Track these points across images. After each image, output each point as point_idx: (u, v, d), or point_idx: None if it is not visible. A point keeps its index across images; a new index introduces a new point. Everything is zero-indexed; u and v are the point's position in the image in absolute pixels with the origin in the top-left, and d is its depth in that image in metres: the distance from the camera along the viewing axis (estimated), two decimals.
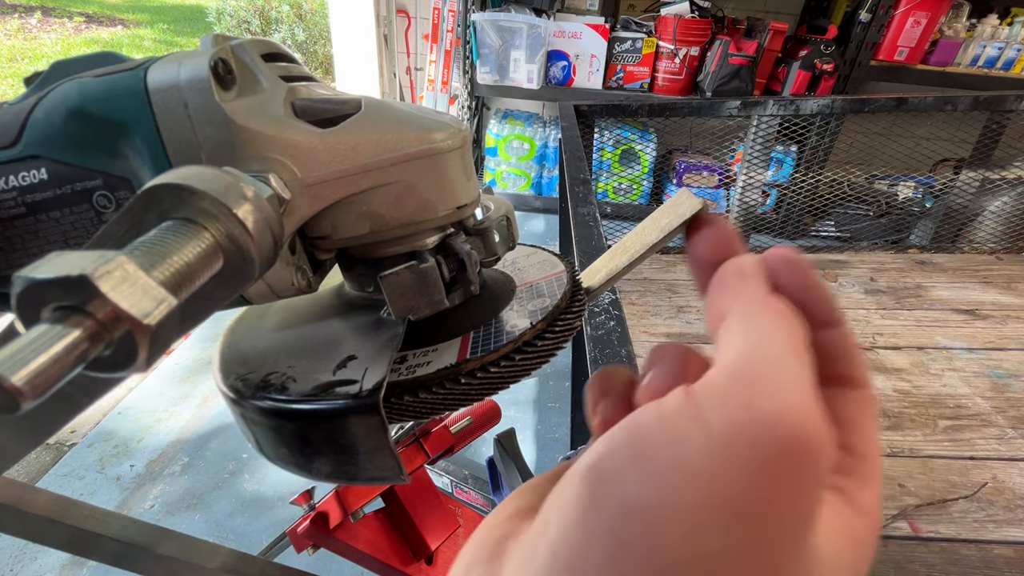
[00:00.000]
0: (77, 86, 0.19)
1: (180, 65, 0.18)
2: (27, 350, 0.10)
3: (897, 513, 0.80)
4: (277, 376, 0.21)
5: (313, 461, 0.21)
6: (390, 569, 0.46)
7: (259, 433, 0.21)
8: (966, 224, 2.03)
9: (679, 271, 1.50)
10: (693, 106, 1.71)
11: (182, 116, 0.18)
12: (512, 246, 0.27)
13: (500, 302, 0.25)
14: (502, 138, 2.73)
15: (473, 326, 0.23)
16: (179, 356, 1.74)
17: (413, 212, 0.22)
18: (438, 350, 0.22)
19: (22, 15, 5.81)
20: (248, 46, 0.20)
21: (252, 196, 0.15)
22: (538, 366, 0.22)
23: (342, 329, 0.24)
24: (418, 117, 0.21)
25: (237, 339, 0.26)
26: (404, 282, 0.22)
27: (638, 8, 2.72)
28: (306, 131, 0.19)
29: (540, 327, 0.23)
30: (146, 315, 0.11)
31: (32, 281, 0.11)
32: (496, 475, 0.54)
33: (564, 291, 0.25)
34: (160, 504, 1.27)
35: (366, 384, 0.19)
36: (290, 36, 4.63)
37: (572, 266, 0.28)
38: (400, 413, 0.21)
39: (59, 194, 0.19)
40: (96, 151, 0.19)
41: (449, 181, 0.22)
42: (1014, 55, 2.40)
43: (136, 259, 0.12)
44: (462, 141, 0.22)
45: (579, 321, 0.25)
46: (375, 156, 0.20)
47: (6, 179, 0.19)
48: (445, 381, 0.21)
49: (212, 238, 0.14)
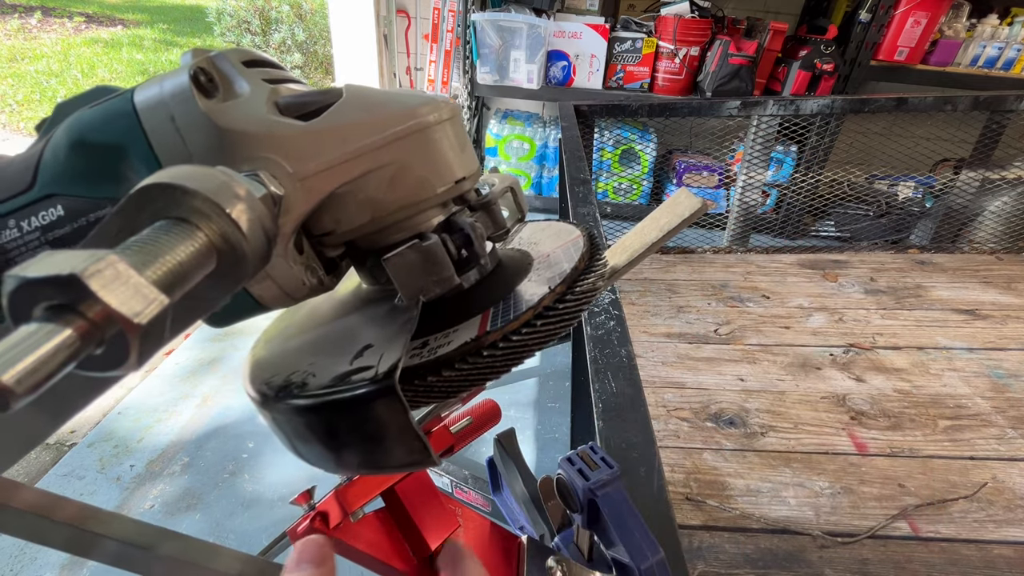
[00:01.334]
0: (75, 119, 0.20)
1: (163, 82, 0.19)
2: (17, 349, 0.10)
3: (897, 513, 0.80)
4: (298, 375, 0.21)
5: (342, 453, 0.21)
6: (390, 569, 0.46)
7: (288, 433, 0.21)
8: (966, 224, 2.03)
9: (679, 271, 1.50)
10: (693, 106, 1.71)
11: (171, 129, 0.19)
12: (521, 217, 0.27)
13: (517, 277, 0.25)
14: (502, 138, 2.73)
15: (492, 302, 0.23)
16: (179, 356, 1.74)
17: (410, 192, 0.21)
18: (458, 330, 0.22)
19: (22, 15, 5.81)
20: (228, 55, 0.21)
21: (244, 195, 0.15)
22: (562, 330, 0.22)
23: (358, 322, 0.24)
24: (401, 95, 0.21)
25: (264, 349, 0.26)
26: (409, 262, 0.22)
27: (638, 8, 2.72)
28: (292, 126, 0.20)
29: (559, 291, 0.22)
30: (137, 314, 0.11)
31: (23, 280, 0.11)
32: (496, 475, 0.54)
33: (582, 253, 0.24)
34: (160, 504, 1.27)
35: (381, 368, 0.19)
36: (290, 36, 4.63)
37: (588, 230, 0.27)
38: (427, 395, 0.21)
39: (76, 227, 0.20)
40: (101, 179, 0.20)
41: (442, 155, 0.22)
42: (1014, 55, 2.40)
43: (128, 258, 0.12)
44: (450, 113, 0.22)
45: (600, 281, 0.24)
46: (363, 140, 0.20)
47: (28, 221, 0.20)
48: (468, 356, 0.20)
49: (205, 237, 0.14)
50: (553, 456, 1.43)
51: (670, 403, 1.01)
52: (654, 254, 1.19)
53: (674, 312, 1.31)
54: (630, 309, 1.31)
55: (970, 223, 2.01)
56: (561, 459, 0.34)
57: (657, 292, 1.39)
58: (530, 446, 1.46)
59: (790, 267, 1.52)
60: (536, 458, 1.43)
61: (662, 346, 1.18)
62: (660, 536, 0.30)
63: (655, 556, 0.29)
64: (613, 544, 0.31)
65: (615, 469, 0.33)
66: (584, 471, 0.33)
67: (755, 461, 0.89)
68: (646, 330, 1.23)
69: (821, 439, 0.94)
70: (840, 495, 0.83)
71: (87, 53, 5.25)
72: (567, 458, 0.34)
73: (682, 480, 0.85)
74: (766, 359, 1.14)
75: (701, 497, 0.82)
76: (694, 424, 0.96)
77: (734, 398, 1.03)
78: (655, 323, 1.26)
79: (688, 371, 1.10)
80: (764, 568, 0.72)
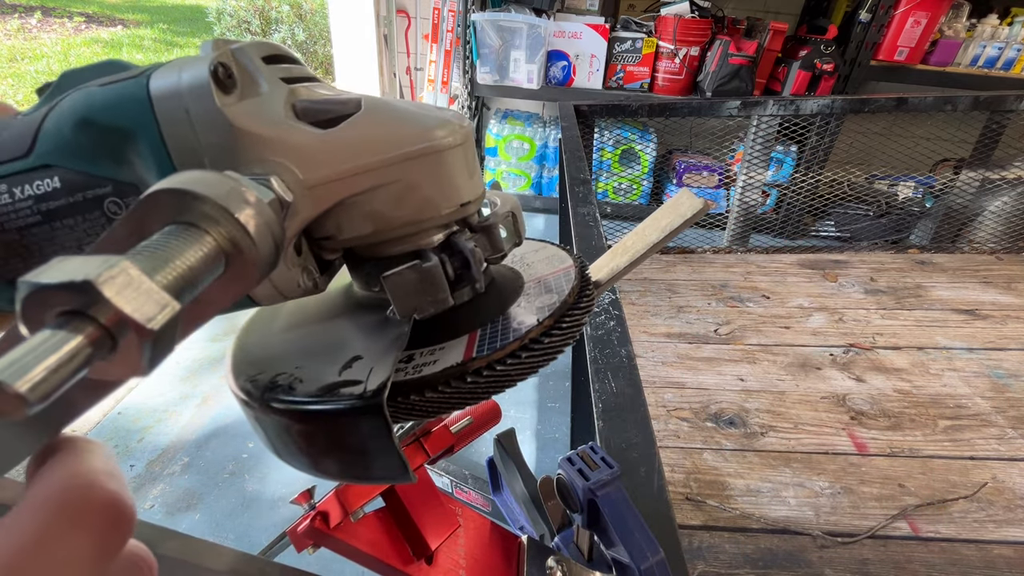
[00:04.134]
0: (84, 96, 0.19)
1: (181, 71, 0.19)
2: (30, 355, 0.10)
3: (897, 513, 0.80)
4: (285, 377, 0.21)
5: (321, 461, 0.21)
6: (390, 568, 0.46)
7: (269, 433, 0.21)
8: (966, 224, 2.03)
9: (679, 271, 1.50)
10: (693, 106, 1.71)
11: (184, 121, 0.18)
12: (519, 242, 0.27)
13: (508, 299, 0.25)
14: (502, 138, 2.73)
15: (480, 323, 0.23)
16: (179, 356, 1.74)
17: (416, 211, 0.21)
18: (444, 348, 0.22)
19: (22, 15, 5.81)
20: (249, 49, 0.20)
21: (254, 200, 0.15)
22: (545, 363, 0.22)
23: (349, 329, 0.24)
24: (418, 115, 0.21)
25: (249, 341, 0.26)
26: (408, 281, 0.22)
27: (638, 8, 2.72)
28: (307, 133, 0.19)
29: (547, 324, 0.22)
30: (150, 319, 0.11)
31: (37, 286, 0.11)
32: (496, 475, 0.54)
33: (572, 286, 0.25)
34: (160, 504, 1.27)
35: (370, 384, 0.19)
36: (290, 36, 4.63)
37: (581, 261, 0.28)
38: (407, 412, 0.21)
39: (71, 202, 0.20)
40: (104, 159, 0.19)
41: (451, 179, 0.22)
42: (1014, 55, 2.40)
43: (139, 264, 0.12)
44: (464, 137, 0.22)
45: (587, 317, 0.24)
46: (376, 156, 0.20)
47: (22, 188, 0.20)
48: (451, 380, 0.21)
49: (214, 242, 0.14)
50: (553, 456, 1.43)
51: (670, 403, 1.01)
52: (655, 254, 1.19)
53: (674, 312, 1.31)
54: (630, 309, 1.31)
55: (970, 223, 2.01)
56: (561, 459, 0.34)
57: (657, 292, 1.39)
58: (530, 446, 1.46)
59: (790, 267, 1.52)
60: (536, 458, 1.43)
61: (662, 346, 1.18)
62: (660, 536, 0.30)
63: (655, 556, 0.29)
64: (613, 544, 0.31)
65: (615, 469, 0.33)
66: (584, 471, 0.33)
67: (755, 461, 0.89)
68: (646, 330, 1.23)
69: (821, 439, 0.94)
70: (840, 495, 0.83)
71: (87, 53, 5.25)
72: (567, 458, 0.34)
73: (682, 480, 0.85)
74: (766, 359, 1.14)
75: (701, 497, 0.82)
76: (694, 424, 0.96)
77: (734, 398, 1.03)
78: (655, 323, 1.26)
79: (688, 371, 1.10)
80: (764, 568, 0.72)
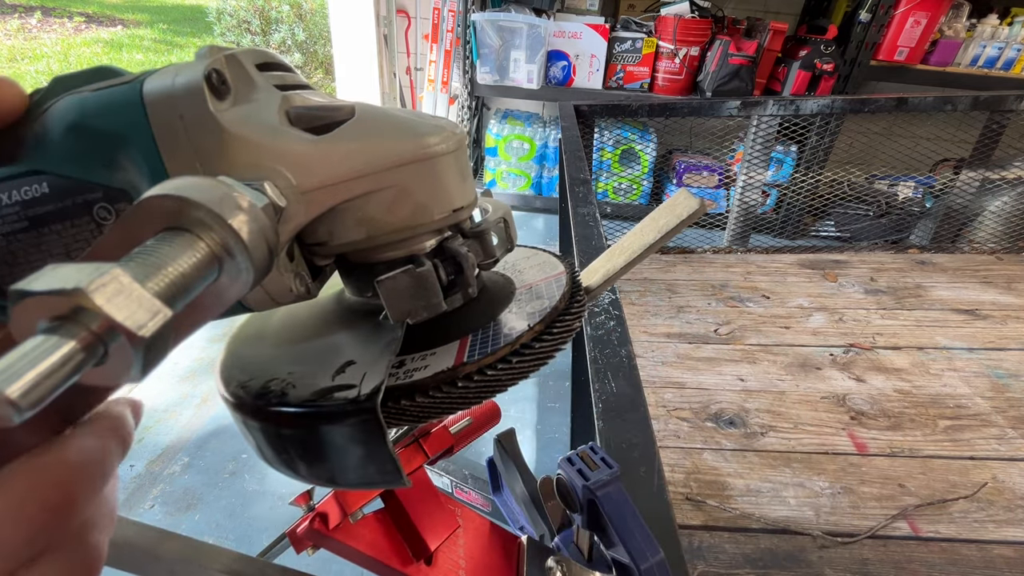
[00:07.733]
0: (76, 101, 0.19)
1: (175, 76, 0.19)
2: (21, 362, 0.10)
3: (897, 513, 0.80)
4: (277, 383, 0.21)
5: (313, 467, 0.21)
6: (390, 569, 0.46)
7: (260, 439, 0.21)
8: (966, 224, 2.03)
9: (679, 271, 1.50)
10: (693, 106, 1.71)
11: (177, 127, 0.18)
12: (511, 248, 0.27)
13: (499, 304, 0.25)
14: (502, 138, 2.73)
15: (471, 329, 0.23)
16: (179, 357, 1.74)
17: (408, 216, 0.21)
18: (436, 353, 0.22)
19: (22, 15, 5.81)
20: (243, 56, 0.20)
21: (247, 206, 0.15)
22: (536, 368, 0.22)
23: (341, 335, 0.24)
24: (412, 122, 0.21)
25: (239, 347, 0.26)
26: (401, 286, 0.22)
27: (638, 8, 2.72)
28: (300, 139, 0.19)
29: (538, 329, 0.23)
30: (141, 327, 0.11)
31: (27, 293, 0.11)
32: (496, 475, 0.54)
33: (563, 292, 0.25)
34: (160, 504, 1.27)
35: (364, 389, 0.19)
36: (290, 36, 4.63)
37: (572, 267, 0.28)
38: (398, 417, 0.21)
39: (60, 207, 0.19)
40: (95, 164, 0.19)
41: (444, 185, 0.22)
42: (1014, 55, 2.39)
43: (131, 271, 0.12)
44: (457, 144, 0.22)
45: (578, 322, 0.25)
46: (369, 162, 0.20)
47: (9, 194, 0.19)
48: (442, 385, 0.21)
49: (207, 248, 0.14)
50: (553, 456, 1.43)
51: (670, 403, 1.01)
52: (654, 254, 1.19)
53: (674, 312, 1.31)
54: (630, 309, 1.31)
55: (970, 223, 2.01)
56: (561, 459, 0.34)
57: (657, 292, 1.39)
58: (530, 446, 1.46)
59: (790, 267, 1.52)
60: (536, 458, 1.42)
61: (662, 346, 1.18)
62: (660, 536, 0.30)
63: (655, 556, 0.29)
64: (613, 544, 0.31)
65: (615, 469, 0.33)
66: (584, 471, 0.33)
67: (755, 461, 0.89)
68: (646, 330, 1.23)
69: (821, 439, 0.94)
70: (840, 495, 0.83)
71: (87, 53, 5.24)
72: (567, 458, 0.34)
73: (682, 480, 0.85)
74: (766, 359, 1.14)
75: (701, 497, 0.82)
76: (694, 424, 0.96)
77: (734, 398, 1.03)
78: (655, 323, 1.26)
79: (688, 371, 1.10)
80: (764, 568, 0.72)
